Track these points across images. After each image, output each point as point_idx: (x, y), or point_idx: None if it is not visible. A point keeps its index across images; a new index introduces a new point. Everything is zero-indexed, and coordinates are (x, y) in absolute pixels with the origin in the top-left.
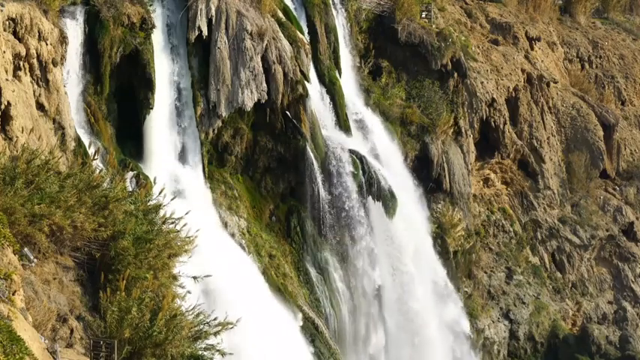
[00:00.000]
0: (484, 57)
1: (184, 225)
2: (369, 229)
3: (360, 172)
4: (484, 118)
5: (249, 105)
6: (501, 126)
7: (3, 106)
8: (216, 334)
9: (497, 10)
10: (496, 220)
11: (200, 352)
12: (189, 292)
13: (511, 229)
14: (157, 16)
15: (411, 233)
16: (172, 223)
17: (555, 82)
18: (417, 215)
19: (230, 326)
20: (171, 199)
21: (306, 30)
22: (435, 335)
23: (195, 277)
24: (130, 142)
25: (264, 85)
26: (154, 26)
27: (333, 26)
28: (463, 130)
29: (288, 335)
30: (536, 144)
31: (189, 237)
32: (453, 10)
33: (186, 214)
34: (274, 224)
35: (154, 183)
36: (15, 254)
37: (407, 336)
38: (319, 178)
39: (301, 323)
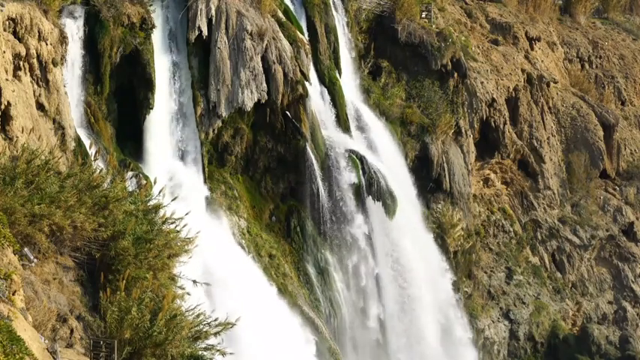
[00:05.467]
0: (484, 57)
1: (184, 225)
2: (369, 229)
3: (360, 172)
4: (484, 118)
5: (249, 105)
6: (501, 126)
7: (3, 106)
8: (216, 334)
9: (497, 10)
10: (496, 220)
11: (200, 352)
12: (188, 293)
13: (511, 229)
14: (157, 16)
15: (410, 233)
16: (172, 223)
17: (555, 82)
18: (417, 215)
19: (230, 326)
20: (172, 200)
21: (306, 30)
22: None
23: (195, 281)
24: (130, 142)
25: (264, 85)
26: (153, 26)
27: (333, 26)
28: (463, 130)
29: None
30: (536, 144)
31: (189, 237)
32: (453, 10)
33: (186, 214)
34: (274, 224)
35: (154, 183)
36: (15, 254)
37: (406, 332)
38: (319, 178)
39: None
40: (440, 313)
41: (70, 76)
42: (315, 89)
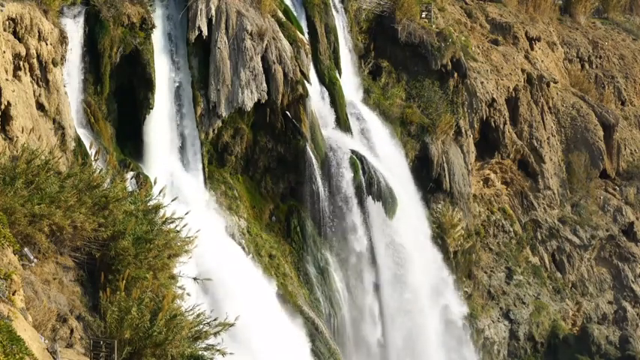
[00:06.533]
0: (484, 57)
1: (184, 225)
2: (368, 229)
3: (360, 172)
4: (484, 118)
5: (249, 105)
6: (501, 126)
7: (3, 106)
8: (216, 334)
9: (497, 10)
10: (496, 220)
11: (200, 352)
12: (188, 294)
13: (511, 229)
14: (157, 16)
15: (410, 233)
16: (172, 223)
17: (555, 82)
18: (417, 215)
19: (230, 326)
20: (172, 200)
21: (306, 30)
22: (433, 334)
23: (195, 279)
24: (130, 142)
25: (264, 85)
26: (153, 26)
27: (333, 26)
28: (463, 130)
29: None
30: (536, 144)
31: (189, 237)
32: (453, 10)
33: (186, 214)
34: (274, 224)
35: (154, 183)
36: (15, 254)
37: (405, 332)
38: (319, 178)
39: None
40: (440, 311)
41: (70, 76)
42: (315, 89)
